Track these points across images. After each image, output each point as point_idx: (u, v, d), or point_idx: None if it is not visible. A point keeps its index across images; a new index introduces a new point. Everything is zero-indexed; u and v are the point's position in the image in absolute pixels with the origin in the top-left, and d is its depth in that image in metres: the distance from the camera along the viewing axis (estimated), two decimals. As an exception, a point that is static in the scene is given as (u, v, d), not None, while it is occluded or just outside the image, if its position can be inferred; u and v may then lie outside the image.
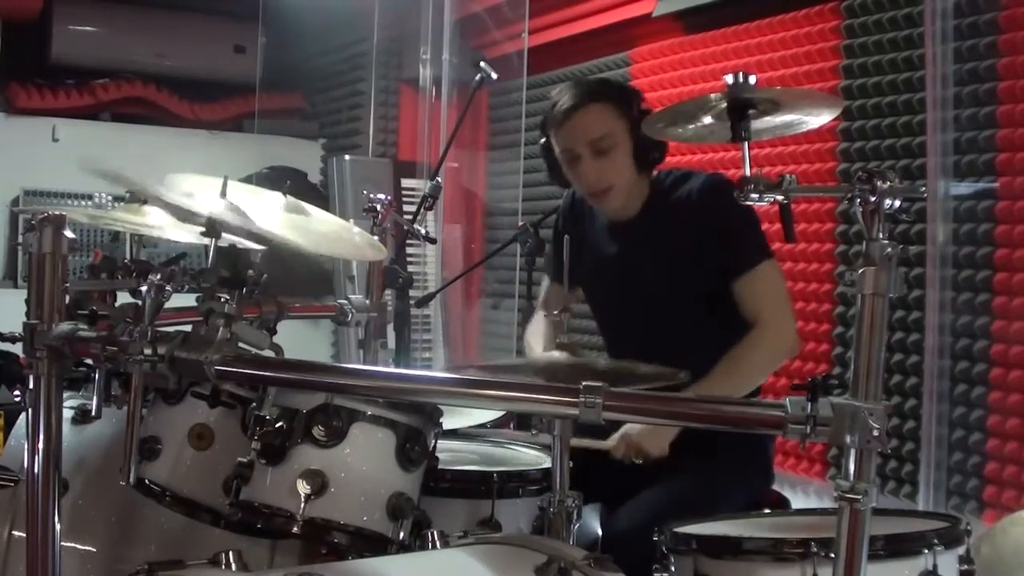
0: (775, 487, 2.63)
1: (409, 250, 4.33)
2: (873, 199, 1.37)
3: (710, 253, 2.46)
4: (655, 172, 2.62)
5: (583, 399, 1.43)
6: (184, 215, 2.02)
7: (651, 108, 2.53)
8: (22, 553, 1.81)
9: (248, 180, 3.68)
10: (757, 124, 1.62)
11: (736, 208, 2.26)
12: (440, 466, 2.00)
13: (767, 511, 2.20)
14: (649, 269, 2.57)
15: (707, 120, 1.71)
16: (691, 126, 1.78)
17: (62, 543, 1.78)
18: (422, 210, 2.94)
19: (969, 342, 3.10)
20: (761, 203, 1.52)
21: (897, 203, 1.37)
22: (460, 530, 1.93)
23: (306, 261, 5.16)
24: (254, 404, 1.83)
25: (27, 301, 1.75)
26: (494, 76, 3.18)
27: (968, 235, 3.11)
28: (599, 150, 2.48)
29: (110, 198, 5.01)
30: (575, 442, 1.94)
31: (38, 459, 1.72)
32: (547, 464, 2.10)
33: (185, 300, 1.79)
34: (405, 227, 2.85)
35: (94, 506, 2.14)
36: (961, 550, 1.78)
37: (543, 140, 2.61)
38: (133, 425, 1.62)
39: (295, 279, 5.04)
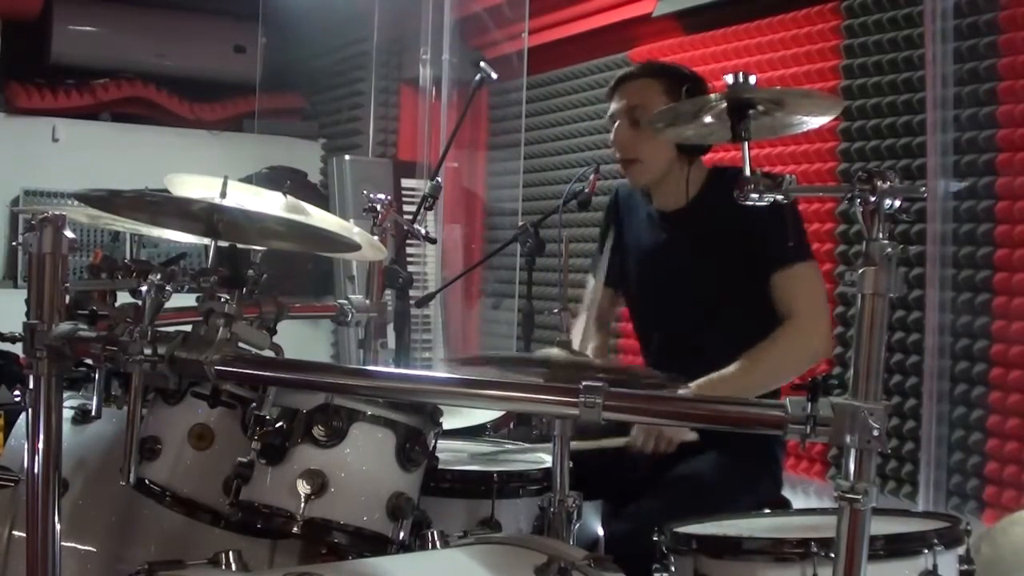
0: (775, 487, 2.63)
1: (409, 250, 4.33)
2: (873, 199, 1.37)
3: (752, 247, 2.45)
4: (717, 168, 2.64)
5: (583, 399, 1.43)
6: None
7: (702, 83, 2.59)
8: (22, 553, 1.81)
9: (248, 180, 3.67)
10: (757, 124, 1.62)
11: (783, 206, 2.27)
12: (440, 466, 2.00)
13: (767, 511, 2.19)
14: (690, 259, 2.57)
15: (707, 120, 1.71)
16: (691, 126, 1.78)
17: (62, 543, 1.78)
18: (422, 210, 2.94)
19: (969, 342, 3.09)
20: (761, 203, 1.52)
21: (897, 203, 1.37)
22: (460, 530, 1.93)
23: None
24: (254, 404, 1.82)
25: (27, 301, 1.75)
26: (494, 76, 3.17)
27: (968, 235, 3.11)
28: (635, 120, 2.56)
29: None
30: (591, 444, 1.93)
31: (38, 459, 1.73)
32: (547, 464, 2.10)
33: (185, 300, 1.79)
34: (405, 227, 2.84)
35: (94, 506, 2.14)
36: (961, 550, 1.78)
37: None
38: (133, 425, 1.62)
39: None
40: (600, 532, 2.54)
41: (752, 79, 1.58)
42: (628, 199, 2.78)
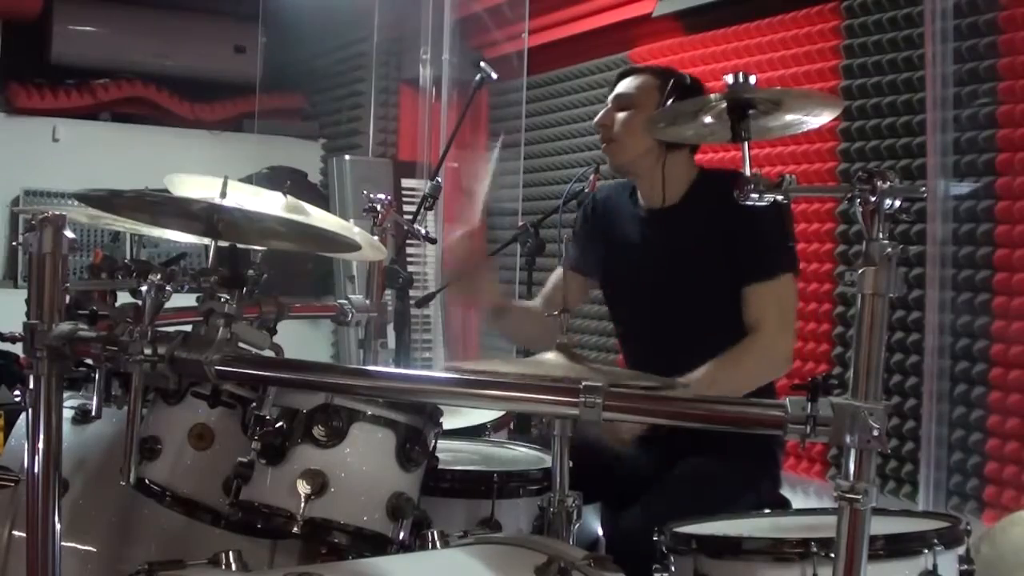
0: (775, 487, 2.62)
1: (409, 250, 4.32)
2: (873, 199, 1.37)
3: (732, 254, 2.45)
4: (705, 170, 2.64)
5: (583, 399, 1.43)
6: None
7: (699, 90, 2.59)
8: (22, 553, 1.81)
9: (248, 180, 3.68)
10: (757, 124, 1.62)
11: (772, 213, 2.28)
12: (440, 466, 2.00)
13: (767, 511, 2.20)
14: (676, 258, 2.56)
15: (707, 120, 1.71)
16: (691, 126, 1.78)
17: (62, 543, 1.78)
18: (422, 210, 2.94)
19: (969, 342, 3.10)
20: (761, 203, 1.52)
21: (897, 203, 1.37)
22: (460, 530, 1.93)
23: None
24: (254, 404, 1.83)
25: (27, 301, 1.75)
26: (494, 76, 3.18)
27: (968, 235, 3.11)
28: (621, 105, 2.61)
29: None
30: None
31: (38, 459, 1.73)
32: (547, 464, 2.10)
33: (185, 300, 1.79)
34: (405, 227, 2.84)
35: (94, 506, 2.14)
36: (961, 550, 1.78)
37: None
38: (133, 425, 1.62)
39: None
40: (600, 532, 2.54)
41: (752, 79, 1.58)
42: (607, 199, 2.75)
